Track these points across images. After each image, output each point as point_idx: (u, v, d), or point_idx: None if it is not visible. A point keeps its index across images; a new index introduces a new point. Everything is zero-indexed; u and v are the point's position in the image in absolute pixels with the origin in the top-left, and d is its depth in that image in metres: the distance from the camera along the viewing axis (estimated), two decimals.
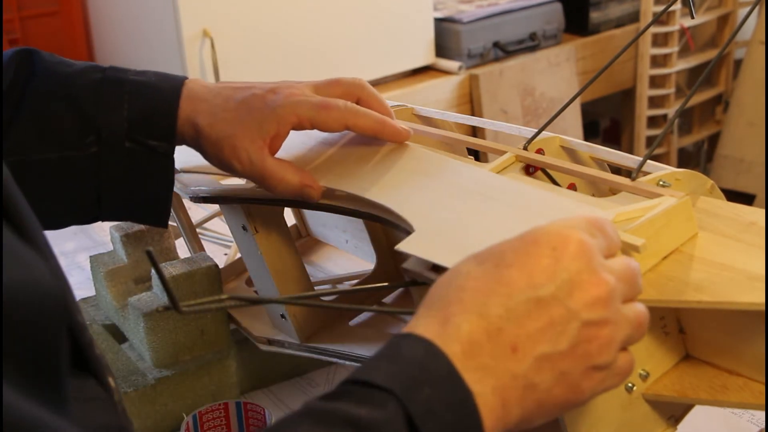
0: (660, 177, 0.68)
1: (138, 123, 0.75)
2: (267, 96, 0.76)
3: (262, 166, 0.75)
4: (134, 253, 0.99)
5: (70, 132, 0.75)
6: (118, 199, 0.77)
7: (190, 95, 0.76)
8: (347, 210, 0.76)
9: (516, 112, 2.47)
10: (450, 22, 2.41)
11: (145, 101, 0.75)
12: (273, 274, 0.85)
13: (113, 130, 0.75)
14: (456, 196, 0.68)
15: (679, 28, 2.69)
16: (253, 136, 0.75)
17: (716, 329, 0.62)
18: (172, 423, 0.90)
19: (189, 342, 0.92)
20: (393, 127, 0.77)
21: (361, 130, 0.77)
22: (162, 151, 0.76)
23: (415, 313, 0.54)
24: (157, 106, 0.75)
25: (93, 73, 0.76)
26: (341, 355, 0.85)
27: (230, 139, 0.75)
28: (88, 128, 0.75)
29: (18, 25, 2.22)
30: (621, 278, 0.55)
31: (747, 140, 2.77)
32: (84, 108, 0.75)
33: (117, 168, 0.76)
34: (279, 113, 0.75)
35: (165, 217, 0.80)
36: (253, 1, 2.05)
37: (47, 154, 0.75)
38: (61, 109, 0.75)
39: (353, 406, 0.48)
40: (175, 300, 0.53)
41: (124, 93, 0.75)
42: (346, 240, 1.04)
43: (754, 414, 0.87)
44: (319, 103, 0.75)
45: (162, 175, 0.77)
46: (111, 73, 0.77)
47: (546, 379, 0.52)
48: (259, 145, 0.75)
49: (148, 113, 0.75)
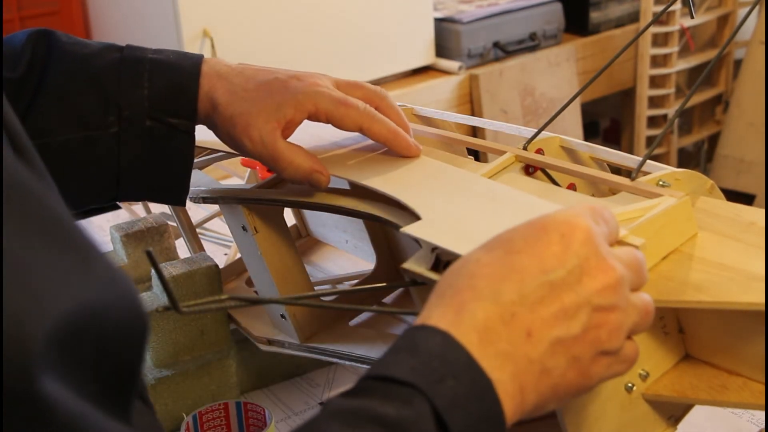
0: (660, 177, 0.68)
1: (158, 101, 0.75)
2: (290, 81, 0.75)
3: (274, 147, 0.75)
4: (134, 253, 0.99)
5: (92, 112, 0.75)
6: (138, 178, 0.77)
7: (210, 72, 0.76)
8: (347, 210, 0.76)
9: (516, 112, 2.47)
10: (450, 22, 2.41)
11: (165, 79, 0.75)
12: (273, 274, 0.85)
13: (134, 109, 0.75)
14: (462, 195, 0.69)
15: (679, 28, 2.69)
16: (268, 117, 0.74)
17: (716, 329, 0.62)
18: (172, 423, 0.90)
19: (189, 342, 0.92)
20: (405, 140, 0.77)
21: (374, 135, 0.77)
22: (183, 128, 0.76)
23: (418, 311, 0.54)
24: (178, 83, 0.75)
25: (111, 53, 0.76)
26: (341, 355, 0.85)
27: (244, 116, 0.74)
28: (109, 108, 0.75)
29: (18, 25, 2.22)
30: (628, 266, 0.55)
31: (747, 140, 2.77)
32: (105, 88, 0.75)
33: (137, 147, 0.75)
34: (299, 99, 0.74)
35: (184, 196, 0.80)
36: (252, 1, 2.05)
37: (69, 135, 0.74)
38: (82, 90, 0.75)
39: (379, 404, 0.47)
40: (175, 300, 0.53)
41: (144, 71, 0.75)
42: (346, 240, 1.04)
43: (754, 414, 0.87)
44: (339, 99, 0.75)
45: (182, 154, 0.77)
46: (129, 52, 0.76)
47: (560, 364, 0.52)
48: (272, 126, 0.74)
49: (169, 91, 0.75)
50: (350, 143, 0.81)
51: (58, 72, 0.75)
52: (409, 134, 0.78)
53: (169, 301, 0.53)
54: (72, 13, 2.29)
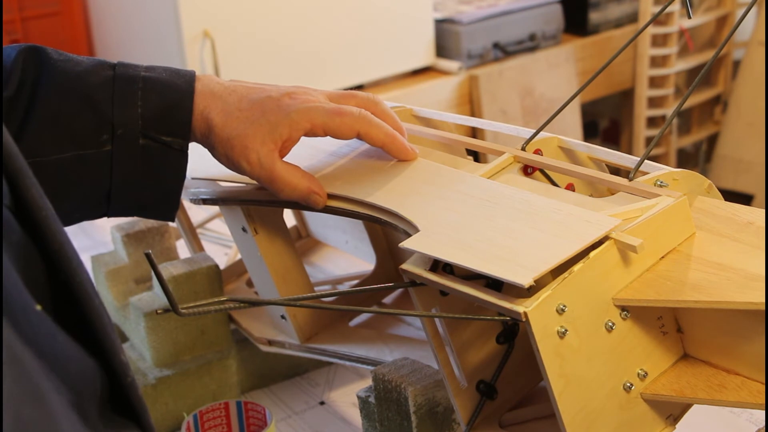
0: (657, 177, 0.68)
1: (152, 119, 0.75)
2: (282, 99, 0.76)
3: (271, 168, 0.75)
4: (135, 253, 1.00)
5: (85, 130, 0.75)
6: (129, 195, 0.77)
7: (204, 90, 0.76)
8: (347, 212, 0.76)
9: (515, 112, 2.48)
10: (450, 22, 2.41)
11: (159, 97, 0.75)
12: (273, 275, 0.85)
13: (127, 128, 0.75)
14: (460, 201, 0.69)
15: (677, 29, 2.70)
16: (265, 138, 0.75)
17: (714, 329, 0.62)
18: (173, 422, 0.91)
19: (190, 342, 0.92)
20: (401, 144, 0.77)
21: (372, 140, 0.77)
22: (177, 146, 0.76)
23: (417, 312, 0.55)
24: (172, 101, 0.75)
25: (104, 70, 0.76)
26: (341, 355, 0.85)
27: (241, 138, 0.75)
28: (103, 126, 0.75)
29: (19, 25, 2.22)
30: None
31: (745, 140, 2.78)
32: (97, 106, 0.75)
33: (130, 165, 0.76)
34: (293, 118, 0.75)
35: (173, 212, 0.80)
36: (253, 3, 2.05)
37: (62, 154, 0.74)
38: (75, 108, 0.75)
39: None
40: (174, 302, 0.54)
41: (137, 90, 0.75)
42: (346, 241, 1.04)
43: (753, 413, 0.87)
44: (333, 110, 0.75)
45: (175, 171, 0.77)
46: (122, 70, 0.76)
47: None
48: (270, 148, 0.75)
49: (163, 109, 0.75)
50: (347, 151, 0.81)
51: (50, 91, 0.75)
52: (404, 137, 0.79)
53: (169, 303, 0.54)
54: (73, 14, 2.29)
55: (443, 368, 0.67)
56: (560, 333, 0.58)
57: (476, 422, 0.69)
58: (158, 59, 2.07)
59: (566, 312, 0.58)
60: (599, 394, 0.61)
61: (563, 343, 0.58)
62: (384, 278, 0.95)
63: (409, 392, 0.71)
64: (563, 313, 0.58)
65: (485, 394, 0.69)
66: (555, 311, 0.58)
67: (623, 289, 0.61)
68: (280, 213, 0.86)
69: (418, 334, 0.87)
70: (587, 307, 0.59)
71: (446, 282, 0.61)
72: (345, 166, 0.79)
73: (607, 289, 0.60)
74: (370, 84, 2.31)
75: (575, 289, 0.59)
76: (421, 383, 0.72)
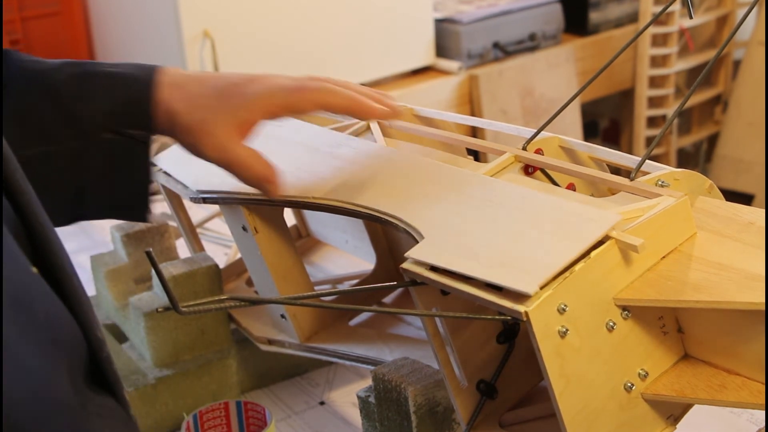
0: (659, 177, 0.68)
1: (116, 113, 0.75)
2: (246, 85, 0.76)
3: (230, 152, 0.75)
4: (135, 252, 1.00)
5: (51, 126, 0.75)
6: (101, 193, 0.77)
7: (167, 81, 0.76)
8: (347, 210, 0.76)
9: (516, 112, 2.48)
10: (450, 22, 2.41)
11: (120, 90, 0.75)
12: (273, 274, 0.85)
13: (92, 122, 0.75)
14: (462, 203, 0.69)
15: (678, 29, 2.69)
16: (225, 122, 0.75)
17: (715, 329, 0.62)
18: (173, 422, 0.91)
19: (189, 341, 0.92)
20: (366, 104, 0.76)
21: (334, 108, 0.76)
22: (141, 139, 0.76)
23: (417, 311, 0.55)
24: (133, 93, 0.75)
25: (69, 68, 0.76)
26: (341, 355, 0.85)
27: (203, 124, 0.75)
28: (68, 121, 0.75)
29: (19, 25, 2.22)
30: None
31: (746, 140, 2.78)
32: (62, 102, 0.75)
33: (98, 161, 0.76)
34: (252, 100, 0.75)
35: (145, 210, 0.80)
36: (253, 2, 2.05)
37: (29, 150, 0.74)
38: (40, 104, 0.75)
39: None
40: (175, 301, 0.54)
41: (99, 85, 0.75)
42: (346, 240, 1.04)
43: (753, 413, 0.87)
44: (292, 86, 0.75)
45: (142, 164, 0.77)
46: (87, 67, 0.77)
47: None
48: (229, 132, 0.75)
49: (126, 102, 0.75)
50: (347, 151, 0.81)
51: (16, 90, 0.75)
52: (379, 101, 0.77)
53: (169, 301, 0.54)
54: (73, 14, 2.29)
55: (444, 368, 0.67)
56: (561, 333, 0.58)
57: (476, 422, 0.69)
58: (158, 59, 2.07)
59: (567, 312, 0.58)
60: (600, 393, 0.61)
61: (564, 342, 0.58)
62: (384, 278, 0.95)
63: (409, 392, 0.71)
64: (564, 313, 0.58)
65: (485, 393, 0.69)
66: (556, 311, 0.58)
67: (624, 288, 0.61)
68: (280, 212, 0.86)
69: (419, 333, 0.87)
70: (588, 306, 0.59)
71: (447, 281, 0.61)
72: (345, 167, 0.79)
73: (608, 288, 0.60)
74: (371, 84, 2.31)
75: (576, 289, 0.59)
76: (421, 383, 0.72)
